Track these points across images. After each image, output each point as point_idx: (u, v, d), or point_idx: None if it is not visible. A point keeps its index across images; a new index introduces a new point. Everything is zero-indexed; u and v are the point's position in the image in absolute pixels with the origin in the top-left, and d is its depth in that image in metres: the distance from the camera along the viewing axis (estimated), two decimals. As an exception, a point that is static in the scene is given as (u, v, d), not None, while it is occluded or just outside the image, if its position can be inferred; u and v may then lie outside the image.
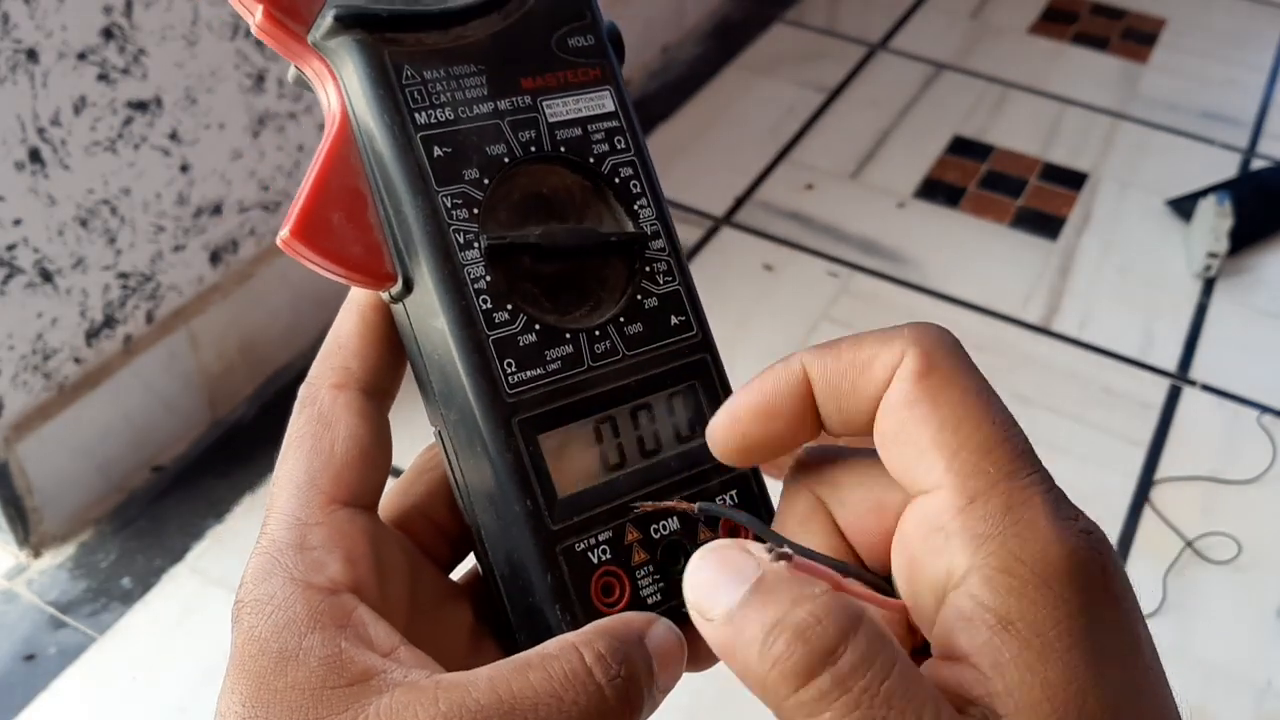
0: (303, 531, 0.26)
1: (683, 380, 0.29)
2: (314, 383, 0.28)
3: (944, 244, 1.44)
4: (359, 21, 0.27)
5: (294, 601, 0.24)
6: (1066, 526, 0.23)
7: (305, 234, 0.26)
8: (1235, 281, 1.41)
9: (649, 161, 0.30)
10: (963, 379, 0.25)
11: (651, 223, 0.30)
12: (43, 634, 0.97)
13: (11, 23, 0.83)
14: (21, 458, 0.97)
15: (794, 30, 1.82)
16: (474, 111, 0.28)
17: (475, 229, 0.27)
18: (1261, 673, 0.99)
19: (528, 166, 0.29)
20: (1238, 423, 1.23)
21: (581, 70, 0.30)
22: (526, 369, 0.27)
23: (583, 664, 0.23)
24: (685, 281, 0.30)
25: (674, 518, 0.29)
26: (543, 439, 0.27)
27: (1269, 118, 1.71)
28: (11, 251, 0.90)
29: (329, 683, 0.23)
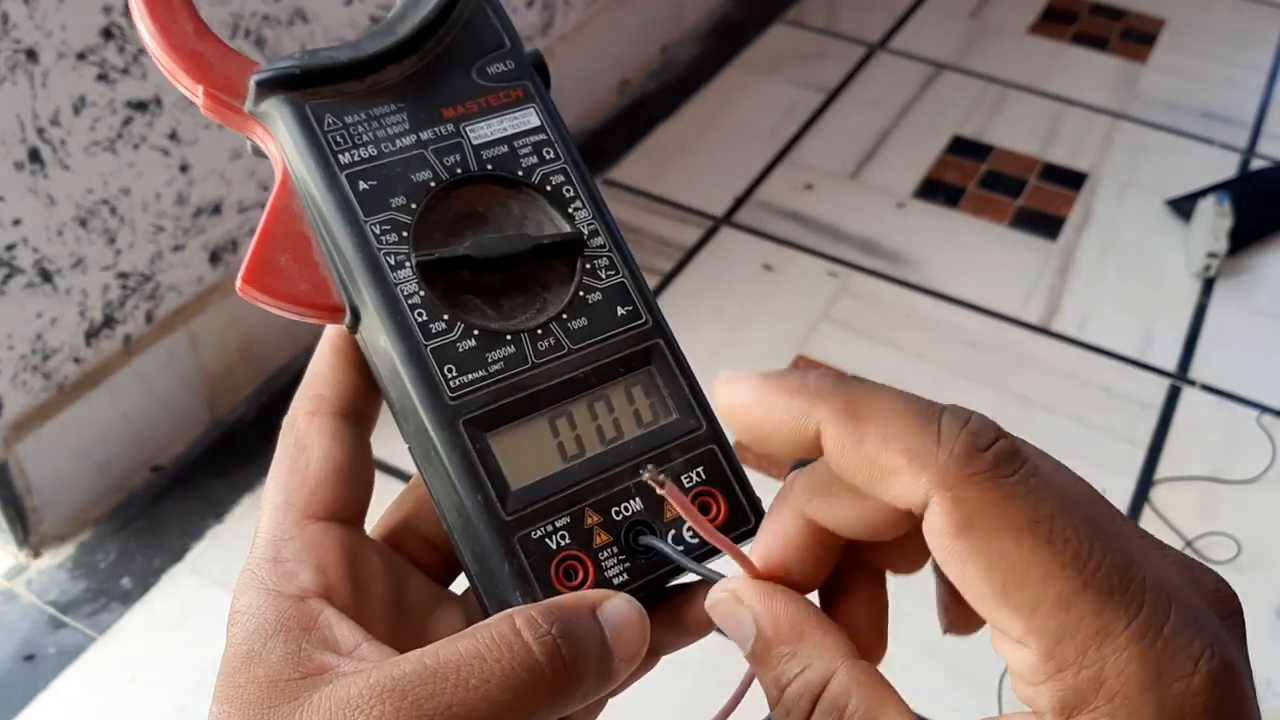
0: (278, 547, 0.28)
1: (637, 366, 0.30)
2: (292, 412, 0.30)
3: (944, 244, 1.44)
4: (278, 84, 0.30)
5: (265, 609, 0.26)
6: (1173, 687, 0.20)
7: (255, 279, 0.28)
8: (1235, 281, 1.41)
9: (582, 167, 0.32)
10: (1012, 516, 0.21)
11: (588, 222, 0.31)
12: (42, 634, 0.97)
13: (11, 23, 0.83)
14: (21, 458, 0.97)
15: (794, 30, 1.82)
16: (397, 145, 0.30)
17: (406, 250, 0.29)
18: (1261, 673, 0.99)
19: (458, 189, 0.30)
20: (1237, 423, 1.23)
21: (503, 93, 0.32)
22: (467, 372, 0.29)
23: (512, 627, 0.24)
24: (631, 273, 0.31)
25: (636, 498, 0.29)
26: (491, 436, 0.28)
27: (1269, 118, 1.71)
28: (11, 251, 0.90)
29: (284, 675, 0.25)
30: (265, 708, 0.24)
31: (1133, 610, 0.20)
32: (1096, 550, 0.20)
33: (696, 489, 0.30)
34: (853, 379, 0.24)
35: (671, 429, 0.30)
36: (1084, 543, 0.20)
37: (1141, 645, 0.20)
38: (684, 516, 0.27)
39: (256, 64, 0.31)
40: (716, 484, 0.30)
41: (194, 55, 0.31)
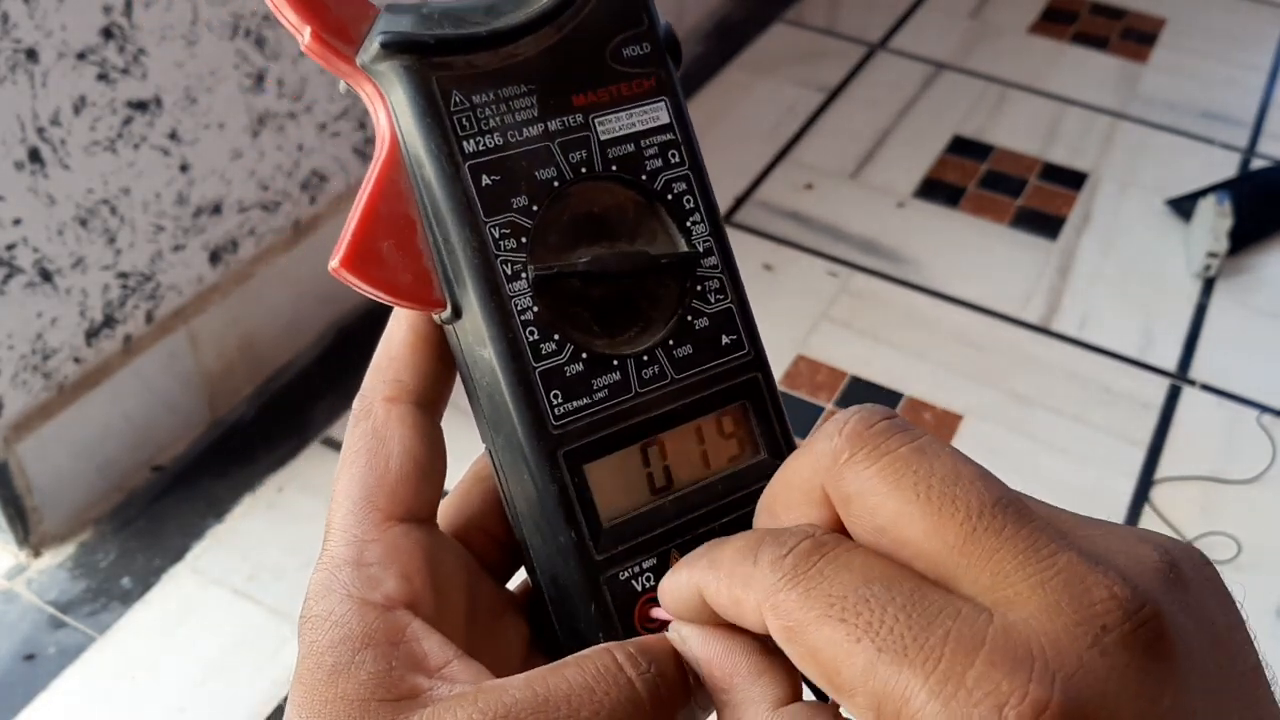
0: (360, 548, 0.26)
1: (732, 400, 0.29)
2: (367, 395, 0.28)
3: (944, 244, 1.44)
4: (406, 47, 0.27)
5: (350, 618, 0.25)
6: None
7: (355, 263, 0.26)
8: (1235, 281, 1.41)
9: (704, 173, 0.30)
10: (816, 606, 0.21)
11: (704, 239, 0.29)
12: (42, 634, 0.97)
13: (11, 22, 0.83)
14: (21, 457, 0.97)
15: (794, 30, 1.82)
16: (523, 135, 0.27)
17: (523, 259, 0.27)
18: (1261, 673, 0.99)
19: (578, 187, 0.28)
20: (1237, 423, 1.23)
21: (635, 82, 0.29)
22: (573, 399, 0.27)
23: (614, 661, 0.24)
24: (738, 298, 0.29)
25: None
26: (589, 469, 0.27)
27: (1269, 117, 1.71)
28: (11, 251, 0.90)
29: (376, 695, 0.24)
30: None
31: (930, 665, 0.19)
32: (889, 614, 0.20)
33: None
34: (721, 539, 0.25)
35: (761, 469, 0.29)
36: (875, 610, 0.20)
37: (940, 700, 0.19)
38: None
39: (374, 8, 0.27)
40: None
41: None
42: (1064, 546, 0.20)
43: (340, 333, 1.24)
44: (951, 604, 0.20)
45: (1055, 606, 0.19)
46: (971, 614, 0.20)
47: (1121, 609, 0.19)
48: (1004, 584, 0.20)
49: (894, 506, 0.21)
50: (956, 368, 1.27)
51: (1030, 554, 0.20)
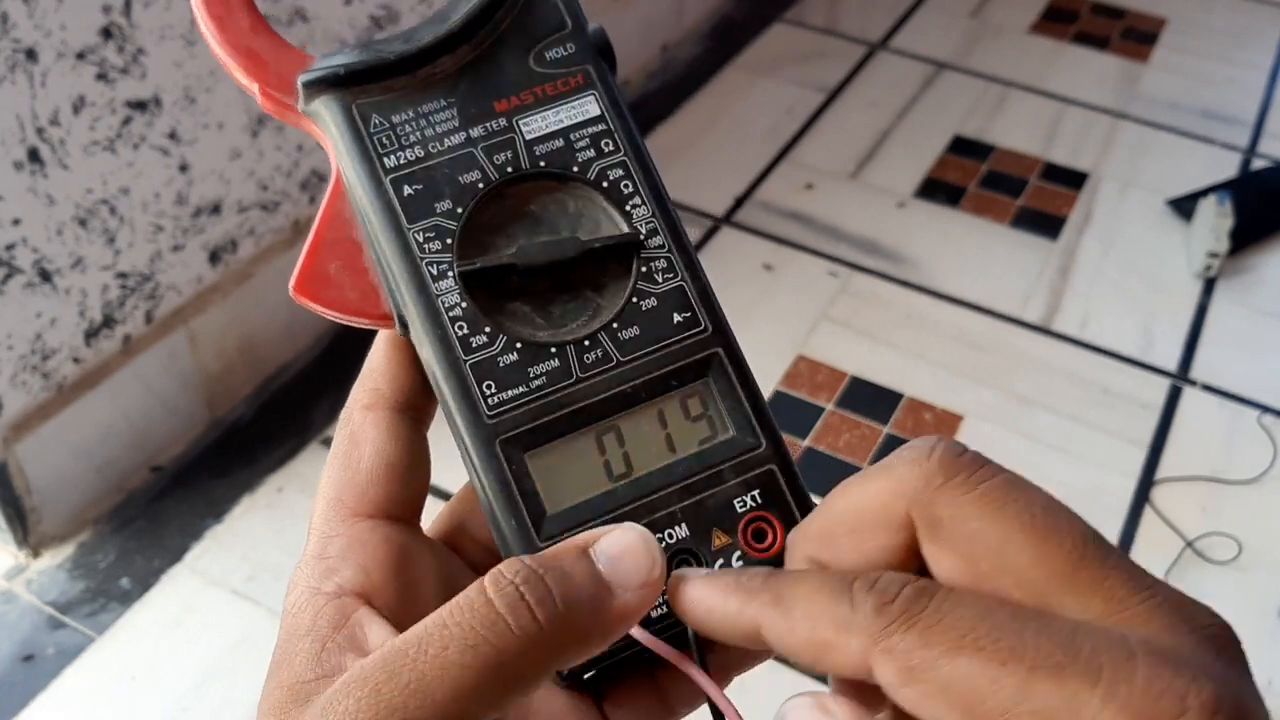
0: (324, 543, 0.27)
1: (693, 378, 0.28)
2: (348, 406, 0.29)
3: (944, 244, 1.44)
4: (324, 84, 0.29)
5: (303, 608, 0.26)
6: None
7: (306, 286, 0.28)
8: (1235, 281, 1.41)
9: (645, 159, 0.30)
10: (940, 644, 0.21)
11: (647, 220, 0.29)
12: (42, 634, 0.97)
13: (11, 22, 0.83)
14: (21, 458, 0.97)
15: (794, 30, 1.82)
16: (445, 144, 0.29)
17: (449, 259, 0.28)
18: (1262, 673, 0.99)
19: (511, 188, 0.29)
20: (1238, 423, 1.23)
21: (560, 81, 0.30)
22: (507, 389, 0.27)
23: (479, 586, 0.23)
24: (692, 275, 0.29)
25: (682, 524, 0.27)
26: (530, 456, 0.27)
27: (1269, 117, 1.70)
28: (10, 251, 0.90)
29: (304, 677, 0.24)
30: (281, 713, 0.24)
31: (1093, 674, 0.20)
32: (1028, 636, 0.20)
33: (751, 514, 0.28)
34: (779, 572, 0.24)
35: (727, 447, 0.28)
36: (1012, 634, 0.20)
37: (1118, 703, 0.19)
38: (658, 654, 0.25)
39: (310, 57, 0.29)
40: (774, 508, 0.28)
41: (249, 52, 0.29)
42: (1155, 579, 0.21)
43: (339, 333, 1.24)
44: (1082, 625, 0.21)
45: (1174, 627, 0.20)
46: (1105, 631, 0.20)
47: (1227, 634, 0.21)
48: (1119, 608, 0.21)
49: (998, 533, 0.21)
50: (956, 368, 1.27)
51: (1135, 582, 0.21)
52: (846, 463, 1.15)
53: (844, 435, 1.18)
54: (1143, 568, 0.22)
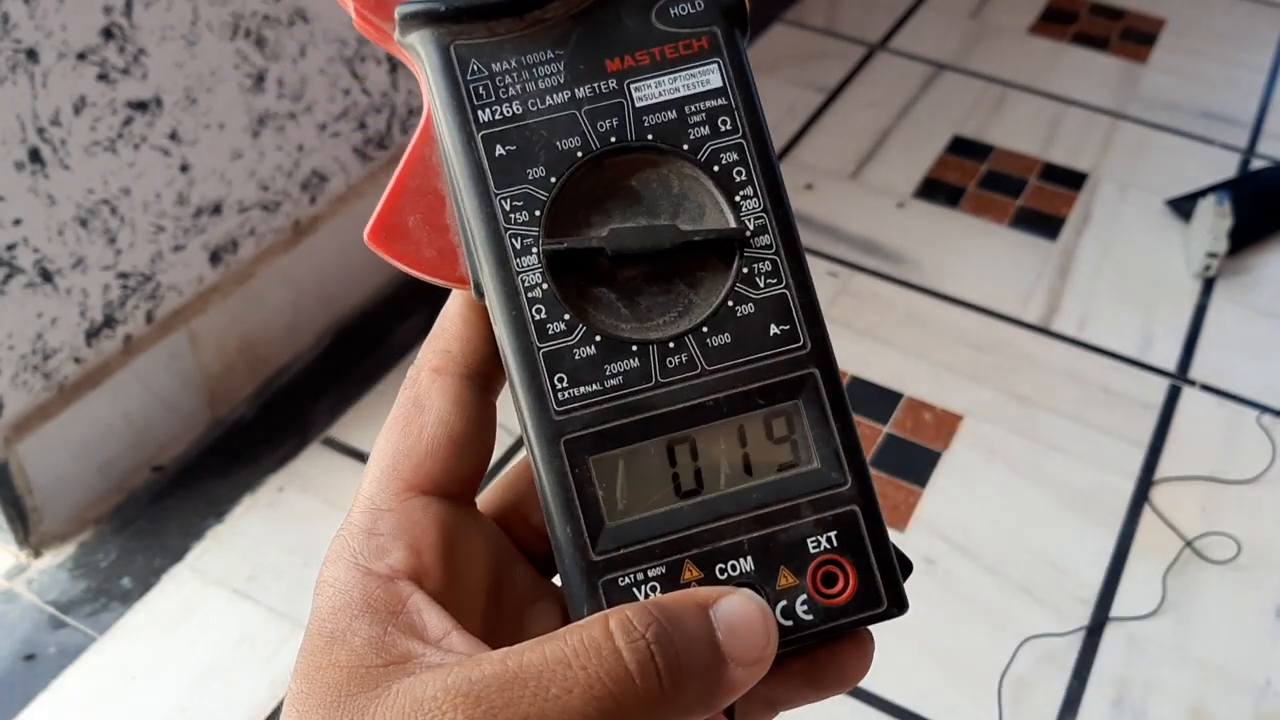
0: (374, 517, 0.26)
1: (782, 399, 0.26)
2: (417, 364, 0.27)
3: (944, 244, 1.44)
4: (422, 19, 0.26)
5: (352, 586, 0.25)
6: None
7: (381, 237, 0.26)
8: (1235, 281, 1.41)
9: (767, 145, 0.27)
10: None
11: (756, 215, 0.26)
12: (43, 634, 0.97)
13: (11, 23, 0.83)
14: (21, 458, 0.97)
15: (794, 30, 1.82)
16: (546, 103, 0.26)
17: (535, 233, 0.26)
18: (1261, 673, 0.99)
19: (611, 159, 0.26)
20: (1237, 423, 1.23)
21: (683, 43, 0.27)
22: (580, 385, 0.25)
23: (605, 629, 0.22)
24: (799, 284, 0.27)
25: (748, 556, 0.25)
26: (595, 460, 0.25)
27: (1269, 118, 1.71)
28: (11, 251, 0.90)
29: (367, 661, 0.23)
30: (344, 694, 0.23)
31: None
32: None
33: (824, 556, 0.25)
34: None
35: (809, 479, 0.26)
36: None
37: None
38: None
39: None
40: (849, 553, 0.25)
41: None
42: None
43: (340, 333, 1.24)
44: None
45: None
46: None
47: None
48: None
49: None
50: (956, 368, 1.27)
51: None
52: (846, 463, 1.15)
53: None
54: None
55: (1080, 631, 1.02)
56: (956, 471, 1.16)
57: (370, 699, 0.23)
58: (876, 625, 0.26)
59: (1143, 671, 0.99)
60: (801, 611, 0.25)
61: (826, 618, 0.25)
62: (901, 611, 0.26)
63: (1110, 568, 1.08)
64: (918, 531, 1.09)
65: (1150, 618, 1.04)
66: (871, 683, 0.96)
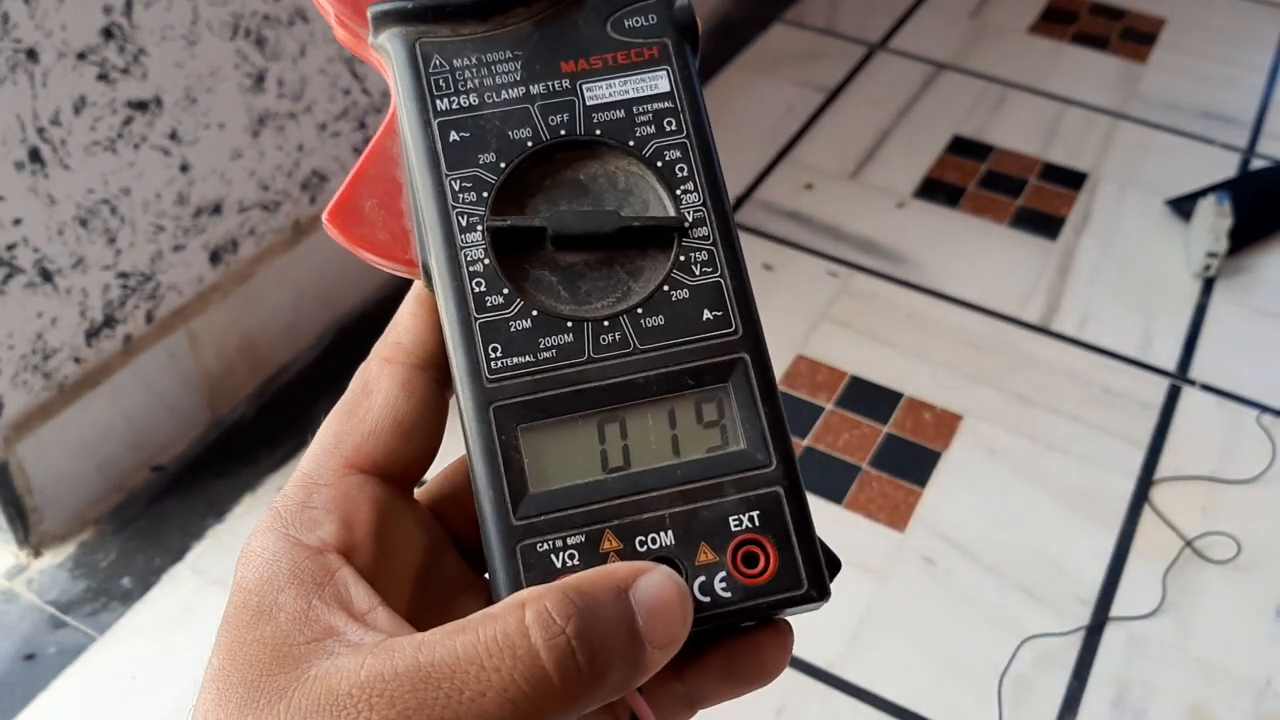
0: (309, 491, 0.26)
1: (712, 381, 0.27)
2: (369, 357, 0.28)
3: (944, 244, 1.44)
4: (394, 17, 0.28)
5: (280, 556, 0.25)
6: None
7: (338, 219, 0.28)
8: (1235, 281, 1.41)
9: (709, 146, 0.28)
10: None
11: (695, 208, 0.28)
12: (43, 634, 0.97)
13: (11, 22, 0.83)
14: (21, 457, 0.97)
15: (794, 30, 1.82)
16: (501, 96, 0.28)
17: (481, 212, 0.27)
18: (1261, 672, 0.99)
19: (560, 152, 0.28)
20: (1237, 423, 1.23)
21: (635, 51, 0.29)
22: (513, 355, 0.26)
23: (520, 623, 0.21)
24: (733, 273, 0.28)
25: (669, 530, 0.26)
26: (523, 429, 0.26)
27: (1269, 117, 1.71)
28: (11, 251, 0.90)
29: (291, 638, 0.23)
30: (265, 673, 0.23)
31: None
32: None
33: (744, 535, 0.26)
34: None
35: (734, 460, 0.26)
36: None
37: None
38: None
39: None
40: (770, 533, 0.26)
41: None
42: None
43: (340, 333, 1.24)
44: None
45: None
46: None
47: None
48: None
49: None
50: (956, 368, 1.27)
51: None
52: (846, 462, 1.15)
53: (844, 435, 1.18)
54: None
55: (1080, 631, 1.02)
56: (956, 471, 1.16)
57: (290, 680, 0.22)
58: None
59: (1143, 671, 0.99)
60: (720, 589, 0.25)
61: (745, 596, 0.25)
62: (822, 598, 0.26)
63: (1110, 568, 1.08)
64: (918, 531, 1.09)
65: (1150, 618, 1.04)
66: (871, 683, 0.96)
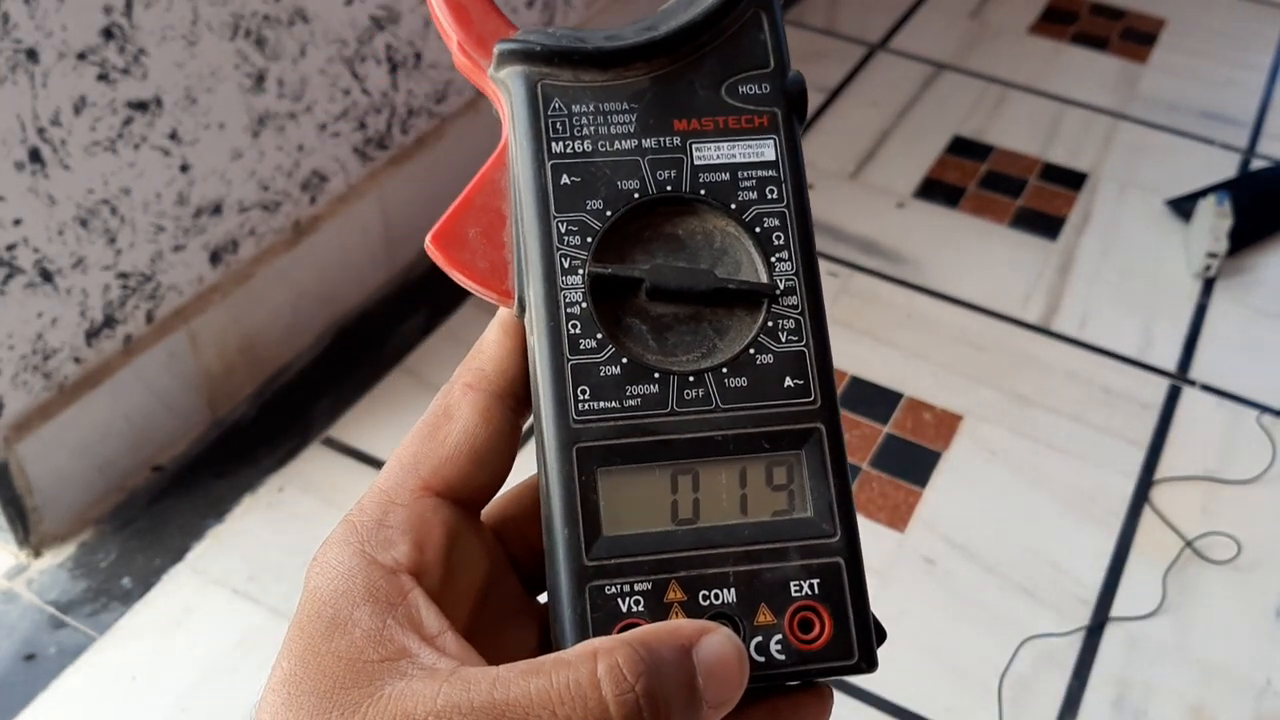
0: (387, 509, 0.27)
1: (787, 447, 0.28)
2: (452, 381, 0.29)
3: (944, 244, 1.44)
4: (520, 56, 0.29)
5: (356, 572, 0.25)
6: None
7: (442, 243, 0.28)
8: (1235, 281, 1.41)
9: (806, 218, 0.29)
10: None
11: (788, 277, 0.29)
12: (43, 634, 0.97)
13: (11, 23, 0.83)
14: (21, 458, 0.97)
15: (794, 30, 1.82)
16: (614, 146, 0.29)
17: (584, 256, 0.28)
18: (1261, 673, 0.99)
19: (664, 206, 0.29)
20: (1237, 423, 1.23)
21: (746, 117, 0.30)
22: (600, 399, 0.27)
23: (592, 675, 0.23)
24: (817, 345, 0.28)
25: (731, 589, 0.26)
26: (602, 472, 0.27)
27: (1268, 118, 1.71)
28: (11, 251, 0.90)
29: (366, 655, 0.24)
30: (339, 685, 0.23)
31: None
32: None
33: (803, 601, 0.27)
34: None
35: (800, 527, 0.27)
36: None
37: None
38: None
39: (514, 28, 0.30)
40: (828, 602, 0.27)
41: (459, 7, 0.30)
42: None
43: (340, 333, 1.24)
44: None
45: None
46: None
47: None
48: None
49: None
50: (956, 368, 1.27)
51: None
52: (846, 463, 1.15)
53: (844, 435, 1.18)
54: None
55: (1080, 631, 1.02)
56: (956, 471, 1.16)
57: (364, 695, 0.23)
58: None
59: (1143, 671, 1.00)
60: (775, 650, 0.26)
61: (798, 660, 0.26)
62: (870, 669, 0.27)
63: (1110, 568, 1.08)
64: (918, 531, 1.09)
65: (1150, 618, 1.04)
66: (871, 683, 0.96)
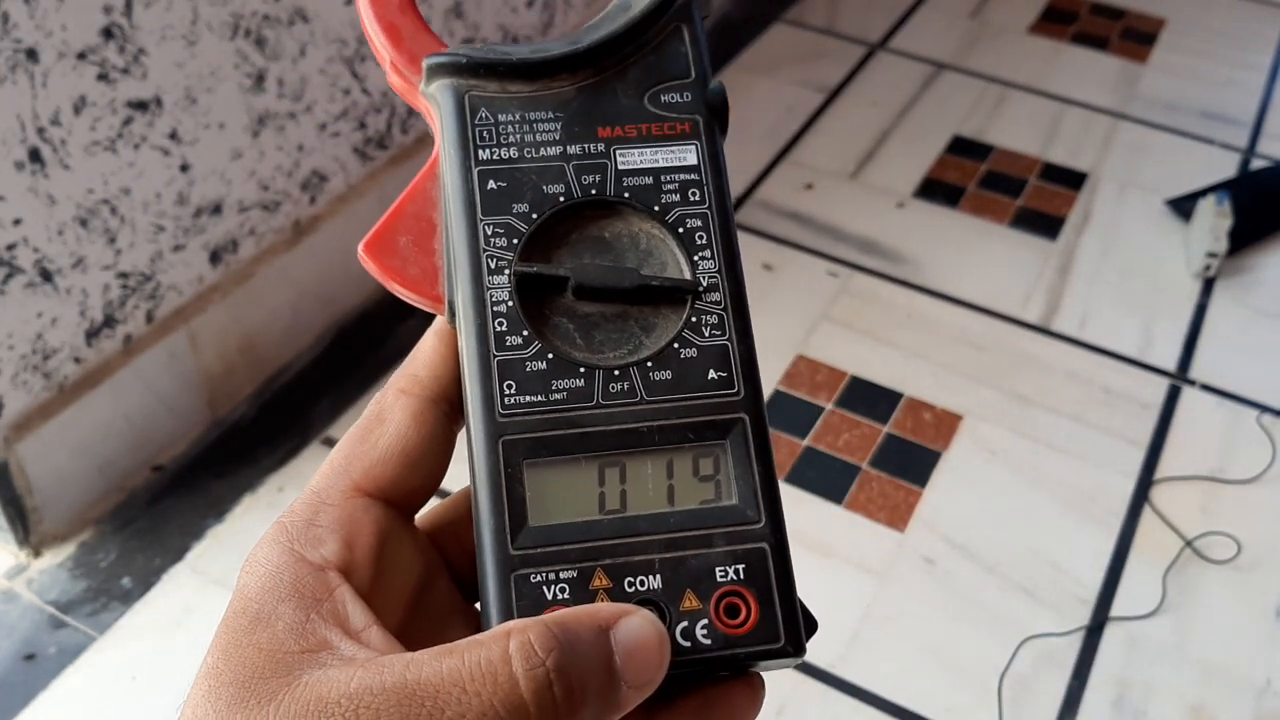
0: (317, 509, 0.27)
1: (712, 438, 0.28)
2: (386, 387, 0.30)
3: (944, 244, 1.44)
4: (447, 70, 0.30)
5: (283, 569, 0.26)
6: None
7: (373, 249, 0.29)
8: (1235, 281, 1.41)
9: (728, 220, 0.30)
10: None
11: (711, 274, 0.29)
12: (43, 634, 0.97)
13: (11, 22, 0.83)
14: (21, 457, 0.97)
15: (794, 30, 1.82)
16: (539, 153, 0.30)
17: (510, 257, 0.29)
18: (1261, 673, 0.99)
19: (588, 210, 0.30)
20: (1237, 423, 1.23)
21: (668, 124, 0.31)
22: (526, 393, 0.28)
23: (504, 652, 0.23)
24: (740, 338, 0.29)
25: (657, 575, 0.27)
26: (528, 464, 0.27)
27: (1268, 118, 1.71)
28: (11, 251, 0.90)
29: (286, 646, 0.24)
30: (258, 675, 0.24)
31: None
32: None
33: (729, 586, 0.27)
34: None
35: (725, 514, 0.28)
36: None
37: None
38: None
39: (445, 46, 0.31)
40: (753, 587, 0.27)
41: (392, 28, 0.31)
42: None
43: (340, 333, 1.24)
44: None
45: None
46: None
47: None
48: None
49: None
50: (956, 368, 1.27)
51: None
52: (846, 462, 1.15)
53: (844, 435, 1.18)
54: None
55: (1080, 631, 1.02)
56: (956, 471, 1.16)
57: (282, 684, 0.23)
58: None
59: (1143, 671, 1.00)
60: (701, 635, 0.27)
61: (724, 645, 0.26)
62: (797, 654, 0.27)
63: (1110, 568, 1.08)
64: (918, 531, 1.09)
65: (1150, 618, 1.04)
66: (871, 683, 0.96)
